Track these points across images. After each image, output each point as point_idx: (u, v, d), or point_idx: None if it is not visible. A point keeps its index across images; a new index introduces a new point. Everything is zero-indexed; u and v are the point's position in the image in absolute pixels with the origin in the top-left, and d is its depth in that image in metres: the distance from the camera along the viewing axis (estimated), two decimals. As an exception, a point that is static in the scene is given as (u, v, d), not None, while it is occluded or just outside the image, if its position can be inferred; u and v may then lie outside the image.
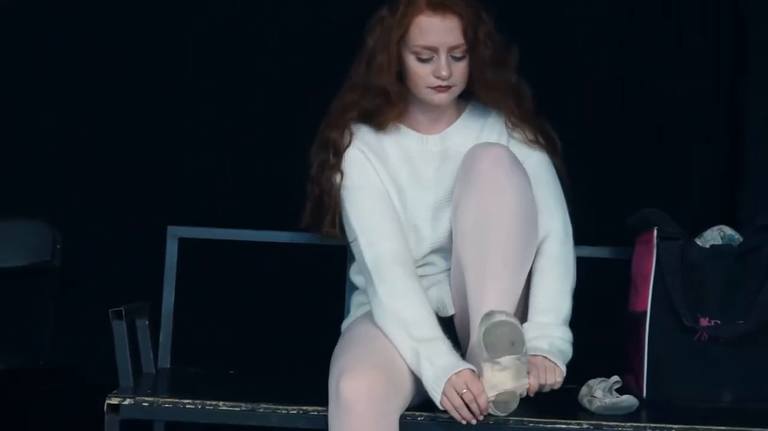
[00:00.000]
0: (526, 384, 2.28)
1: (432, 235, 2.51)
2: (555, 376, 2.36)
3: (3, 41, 3.34)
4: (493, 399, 2.26)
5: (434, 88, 2.45)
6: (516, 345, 2.24)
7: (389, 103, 2.48)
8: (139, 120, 3.33)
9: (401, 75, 2.47)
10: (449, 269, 2.52)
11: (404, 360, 2.34)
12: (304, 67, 2.90)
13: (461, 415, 2.27)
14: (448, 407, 2.28)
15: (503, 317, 2.24)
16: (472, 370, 2.29)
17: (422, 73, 2.44)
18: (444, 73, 2.42)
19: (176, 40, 3.31)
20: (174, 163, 3.33)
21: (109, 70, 3.33)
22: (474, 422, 2.27)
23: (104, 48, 3.34)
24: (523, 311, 2.44)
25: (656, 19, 3.30)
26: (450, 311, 2.49)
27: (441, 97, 2.47)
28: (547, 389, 2.36)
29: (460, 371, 2.28)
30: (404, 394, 2.32)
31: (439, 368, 2.30)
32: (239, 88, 3.33)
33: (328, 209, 2.52)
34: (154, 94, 3.32)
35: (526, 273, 2.41)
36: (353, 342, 2.41)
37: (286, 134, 3.29)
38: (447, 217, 2.50)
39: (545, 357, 2.37)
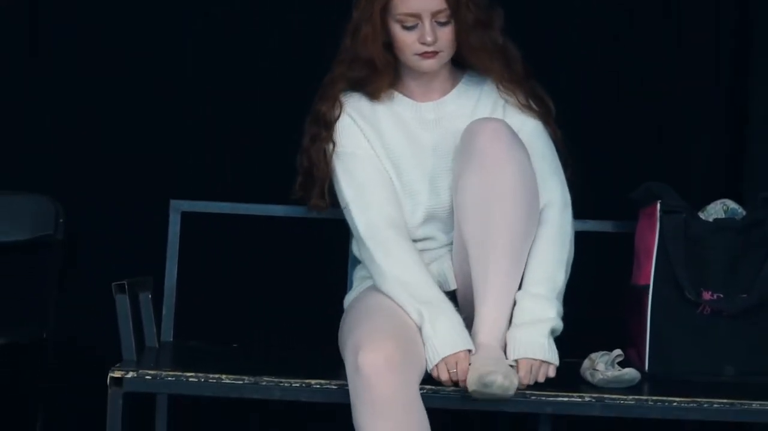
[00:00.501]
0: (515, 384, 2.28)
1: (429, 201, 2.51)
2: (547, 371, 2.37)
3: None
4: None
5: (421, 54, 2.46)
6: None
7: (377, 73, 2.51)
8: (141, 95, 3.32)
9: (390, 45, 2.49)
10: (450, 244, 2.52)
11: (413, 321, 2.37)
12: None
13: (445, 381, 2.32)
14: (434, 376, 2.32)
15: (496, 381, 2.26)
16: (468, 351, 2.32)
17: (408, 41, 2.45)
18: (429, 38, 2.43)
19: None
20: (176, 137, 3.32)
21: (112, 50, 3.32)
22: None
23: (104, 32, 3.33)
24: None
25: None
26: (452, 286, 2.50)
27: (429, 64, 2.47)
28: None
29: (456, 353, 2.31)
30: (422, 362, 2.33)
31: (439, 341, 2.33)
32: (240, 80, 3.33)
33: (316, 181, 2.55)
34: (158, 71, 3.32)
35: (529, 246, 2.41)
36: (366, 314, 2.40)
37: (288, 110, 3.29)
38: (445, 185, 2.50)
39: (536, 359, 2.36)
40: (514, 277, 2.38)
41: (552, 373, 2.36)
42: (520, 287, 2.41)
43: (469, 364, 2.30)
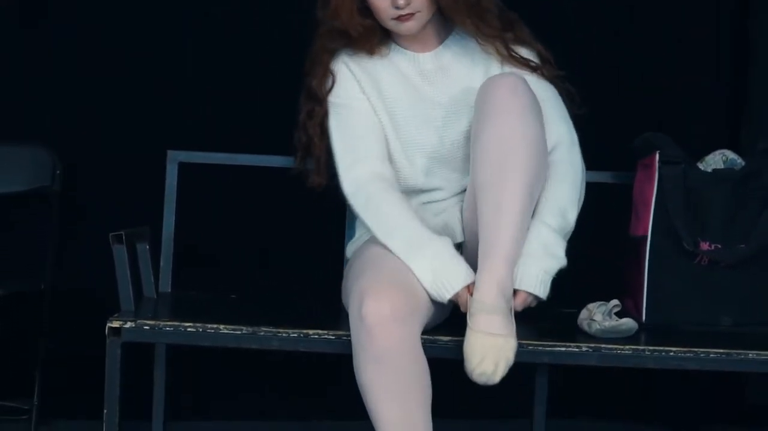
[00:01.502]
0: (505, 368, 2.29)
1: (434, 151, 2.51)
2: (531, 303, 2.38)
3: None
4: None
5: (397, 18, 2.44)
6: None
7: (356, 42, 2.50)
8: (138, 43, 3.30)
9: (369, 9, 2.47)
10: (456, 195, 2.52)
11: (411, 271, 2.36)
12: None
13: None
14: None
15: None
16: (467, 286, 2.33)
17: (382, 6, 2.44)
18: (401, 2, 2.41)
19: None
20: (174, 86, 3.31)
21: (112, 2, 3.30)
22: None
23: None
24: None
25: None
26: (458, 238, 2.50)
27: (408, 26, 2.46)
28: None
29: (469, 285, 2.32)
30: (426, 311, 2.34)
31: (452, 279, 2.33)
32: (239, 32, 3.31)
33: (314, 157, 2.55)
34: (157, 19, 3.29)
35: (537, 196, 2.41)
36: (370, 263, 2.40)
37: (286, 61, 3.28)
38: (450, 135, 2.50)
39: (535, 295, 2.37)
40: (524, 224, 2.37)
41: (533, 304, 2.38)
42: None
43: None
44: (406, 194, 2.51)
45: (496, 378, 2.25)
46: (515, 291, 2.34)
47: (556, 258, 2.39)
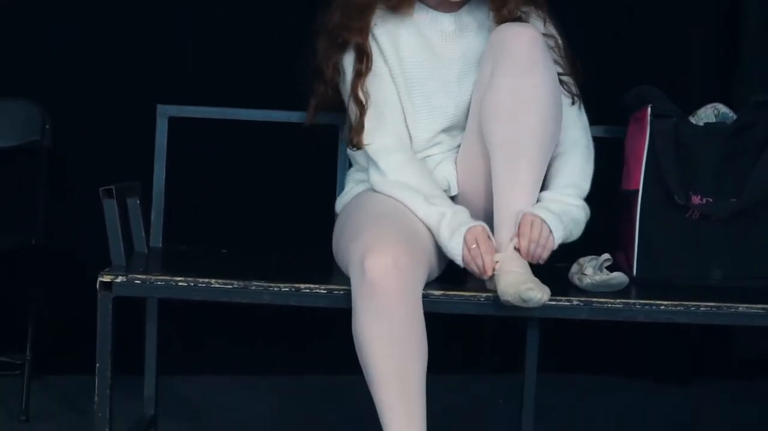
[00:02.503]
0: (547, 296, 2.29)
1: (451, 114, 2.51)
2: (545, 241, 2.36)
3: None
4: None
5: None
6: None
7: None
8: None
9: None
10: (453, 149, 2.51)
11: (425, 225, 2.38)
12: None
13: (472, 268, 2.33)
14: (467, 259, 2.33)
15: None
16: (485, 227, 2.34)
17: None
18: None
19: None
20: (164, 41, 3.29)
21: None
22: (485, 276, 2.32)
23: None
24: None
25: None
26: (453, 191, 2.49)
27: None
28: (536, 257, 2.37)
29: (472, 227, 2.33)
30: (428, 267, 2.34)
31: (455, 224, 2.34)
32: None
33: (356, 116, 2.50)
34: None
35: (552, 151, 2.42)
36: (373, 217, 2.39)
37: (281, 15, 3.26)
38: (465, 97, 2.49)
39: (543, 221, 2.36)
40: (539, 178, 2.39)
41: (548, 249, 2.37)
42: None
43: (496, 262, 2.31)
44: None
45: (544, 299, 2.26)
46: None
47: (576, 207, 2.42)
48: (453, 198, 2.50)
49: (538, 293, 2.25)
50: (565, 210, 2.40)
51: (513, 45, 2.36)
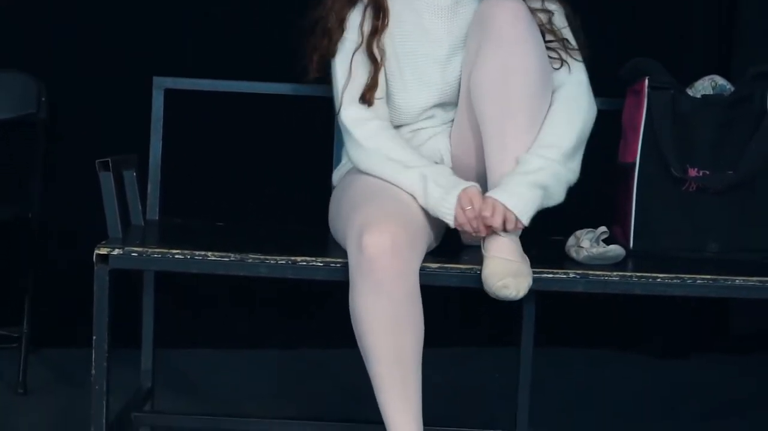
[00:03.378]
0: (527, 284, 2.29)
1: (441, 89, 2.49)
2: (507, 222, 2.33)
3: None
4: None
5: None
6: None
7: None
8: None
9: None
10: (447, 123, 2.51)
11: (411, 195, 2.36)
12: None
13: (466, 228, 2.32)
14: (461, 220, 2.32)
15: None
16: (477, 187, 2.34)
17: None
18: None
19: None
20: (160, 13, 3.28)
21: None
22: (482, 234, 2.31)
23: None
24: None
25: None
26: (448, 164, 2.49)
27: None
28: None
29: (467, 188, 2.32)
30: (425, 243, 2.33)
31: (445, 187, 2.33)
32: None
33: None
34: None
35: (542, 122, 2.40)
36: (371, 193, 2.38)
37: None
38: (456, 72, 2.48)
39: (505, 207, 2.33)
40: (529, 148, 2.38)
41: (510, 227, 2.32)
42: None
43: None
44: (397, 126, 2.50)
45: (520, 295, 2.26)
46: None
47: (533, 173, 2.35)
48: None
49: (512, 290, 2.25)
50: (533, 181, 2.35)
51: (497, 19, 2.35)
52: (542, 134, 2.40)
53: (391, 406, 2.24)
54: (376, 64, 2.47)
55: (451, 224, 2.35)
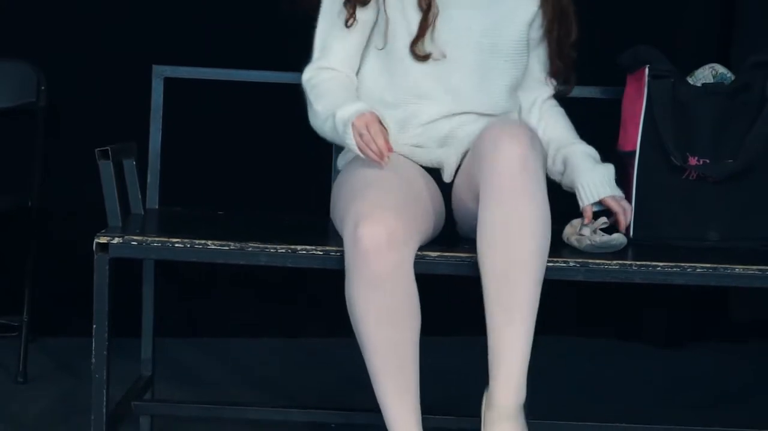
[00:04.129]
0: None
1: (474, 91, 2.46)
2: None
3: None
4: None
5: None
6: None
7: None
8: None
9: None
10: (458, 116, 2.46)
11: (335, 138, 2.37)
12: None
13: (368, 154, 2.31)
14: (361, 146, 2.32)
15: None
16: (375, 115, 2.32)
17: None
18: None
19: None
20: (160, 0, 3.27)
21: None
22: (381, 162, 2.31)
23: None
24: None
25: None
26: (447, 178, 2.46)
27: None
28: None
29: (362, 114, 2.31)
30: (422, 235, 2.32)
31: (345, 117, 2.33)
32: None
33: None
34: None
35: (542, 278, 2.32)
36: (365, 184, 2.34)
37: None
38: (498, 84, 2.46)
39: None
40: (534, 317, 2.28)
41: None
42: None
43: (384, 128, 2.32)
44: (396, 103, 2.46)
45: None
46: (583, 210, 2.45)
47: (608, 166, 2.47)
48: (450, 185, 2.47)
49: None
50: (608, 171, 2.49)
51: (500, 168, 2.22)
52: (563, 134, 2.53)
53: (388, 397, 2.24)
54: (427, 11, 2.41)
55: (359, 154, 2.33)
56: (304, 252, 2.34)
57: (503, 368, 2.25)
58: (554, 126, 2.56)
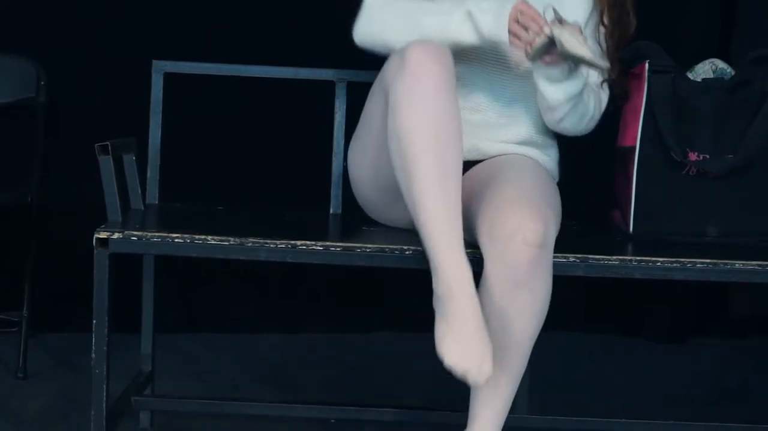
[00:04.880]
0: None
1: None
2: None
3: None
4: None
5: None
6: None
7: None
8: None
9: None
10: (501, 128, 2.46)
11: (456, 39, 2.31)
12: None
13: (528, 41, 2.27)
14: (523, 38, 2.27)
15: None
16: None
17: None
18: None
19: None
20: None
21: None
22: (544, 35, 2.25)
23: None
24: None
25: None
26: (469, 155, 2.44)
27: None
28: None
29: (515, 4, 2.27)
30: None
31: (492, 11, 2.29)
32: None
33: None
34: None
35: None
36: None
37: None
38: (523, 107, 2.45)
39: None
40: (514, 390, 2.28)
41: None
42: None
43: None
44: None
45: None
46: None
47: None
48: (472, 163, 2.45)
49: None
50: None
51: (514, 257, 2.18)
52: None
53: (434, 222, 2.16)
54: None
55: (507, 41, 2.29)
56: (304, 248, 2.34)
57: (477, 426, 2.24)
58: None
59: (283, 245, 2.34)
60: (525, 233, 2.18)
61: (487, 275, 2.20)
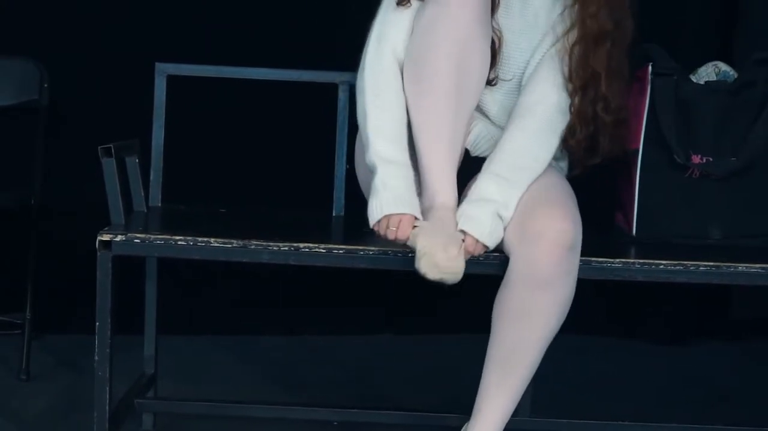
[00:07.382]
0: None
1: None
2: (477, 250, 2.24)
3: None
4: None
5: None
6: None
7: None
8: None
9: None
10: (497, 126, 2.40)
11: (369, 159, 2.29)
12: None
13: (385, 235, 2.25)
14: (375, 229, 2.26)
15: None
16: (413, 217, 2.22)
17: None
18: None
19: None
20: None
21: None
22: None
23: None
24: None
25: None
26: (470, 147, 2.40)
27: None
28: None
29: (403, 215, 2.23)
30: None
31: (387, 197, 2.24)
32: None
33: None
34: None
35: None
36: None
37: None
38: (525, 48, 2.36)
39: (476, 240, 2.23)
40: (522, 390, 2.29)
41: (478, 251, 2.22)
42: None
43: (415, 227, 2.20)
44: None
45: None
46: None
47: (495, 203, 2.23)
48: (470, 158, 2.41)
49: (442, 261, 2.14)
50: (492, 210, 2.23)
51: (537, 255, 2.17)
52: (505, 152, 2.28)
53: (435, 145, 2.17)
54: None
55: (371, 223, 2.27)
56: (306, 250, 2.34)
57: (479, 423, 2.25)
58: (512, 138, 2.32)
59: (286, 248, 2.34)
60: (555, 234, 2.18)
61: (511, 272, 2.20)
